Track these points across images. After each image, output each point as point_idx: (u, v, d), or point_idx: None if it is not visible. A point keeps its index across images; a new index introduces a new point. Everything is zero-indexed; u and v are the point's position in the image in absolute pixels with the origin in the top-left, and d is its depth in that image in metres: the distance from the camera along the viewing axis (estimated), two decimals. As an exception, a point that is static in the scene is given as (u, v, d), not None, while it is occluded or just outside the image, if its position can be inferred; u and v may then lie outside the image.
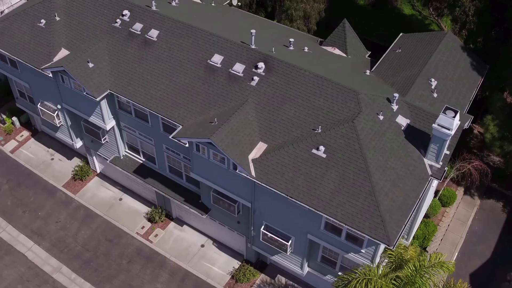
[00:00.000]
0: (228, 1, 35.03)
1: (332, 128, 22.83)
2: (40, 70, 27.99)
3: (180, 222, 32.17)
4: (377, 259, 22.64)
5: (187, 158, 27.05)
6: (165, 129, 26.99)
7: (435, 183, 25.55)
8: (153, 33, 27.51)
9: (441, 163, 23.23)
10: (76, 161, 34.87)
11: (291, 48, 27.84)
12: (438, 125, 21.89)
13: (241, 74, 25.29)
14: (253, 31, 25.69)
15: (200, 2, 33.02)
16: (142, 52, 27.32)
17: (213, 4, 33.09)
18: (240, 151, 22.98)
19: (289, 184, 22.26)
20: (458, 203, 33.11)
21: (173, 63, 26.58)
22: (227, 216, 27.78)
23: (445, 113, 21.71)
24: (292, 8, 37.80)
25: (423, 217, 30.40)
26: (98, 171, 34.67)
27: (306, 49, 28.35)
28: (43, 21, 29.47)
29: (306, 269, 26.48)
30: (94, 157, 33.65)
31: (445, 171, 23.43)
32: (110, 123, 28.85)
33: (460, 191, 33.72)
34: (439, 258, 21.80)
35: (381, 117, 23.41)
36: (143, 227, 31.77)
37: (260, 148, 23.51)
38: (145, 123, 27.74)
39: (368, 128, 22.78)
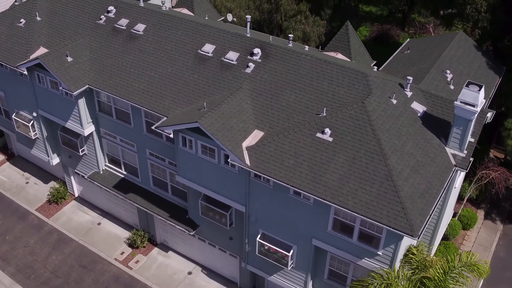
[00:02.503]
0: (222, 18, 33.30)
1: (339, 110, 19.86)
2: (15, 68, 25.44)
3: (165, 248, 28.18)
4: (397, 264, 18.78)
5: (173, 163, 23.78)
6: (149, 130, 23.96)
7: (458, 182, 22.14)
8: (140, 27, 25.27)
9: (465, 151, 20.03)
10: (53, 185, 31.39)
11: (290, 45, 25.48)
12: (461, 101, 18.96)
13: (234, 62, 22.70)
14: (248, 16, 23.47)
15: (192, 15, 31.20)
16: (126, 46, 24.91)
17: (206, 18, 31.27)
18: (232, 137, 19.84)
19: (290, 172, 18.90)
20: (479, 228, 29.42)
21: (160, 55, 24.07)
22: (218, 231, 24.03)
23: (468, 87, 18.88)
24: (291, 28, 36.11)
25: (442, 239, 26.63)
26: (76, 195, 31.12)
27: (306, 48, 26.00)
28: (22, 20, 27.38)
29: (311, 290, 22.41)
30: (72, 178, 30.26)
31: (470, 161, 20.16)
32: (88, 127, 25.83)
33: (480, 214, 30.13)
34: (471, 258, 18.05)
35: (394, 101, 20.53)
36: (122, 253, 27.75)
37: (255, 136, 20.37)
38: (127, 125, 24.73)
39: (380, 110, 19.82)
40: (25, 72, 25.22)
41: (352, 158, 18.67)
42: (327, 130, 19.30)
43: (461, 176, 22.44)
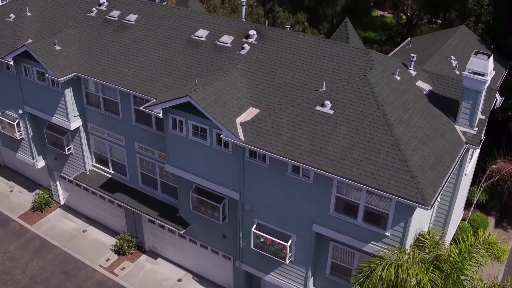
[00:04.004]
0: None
1: (340, 84, 18.61)
2: (1, 59, 24.36)
3: (154, 255, 26.14)
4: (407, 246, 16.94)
5: (162, 155, 22.24)
6: (138, 119, 22.62)
7: (469, 169, 20.51)
8: (131, 17, 24.42)
9: (476, 128, 18.62)
10: (37, 192, 29.66)
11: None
12: (469, 71, 17.75)
13: (229, 45, 21.66)
14: (243, 0, 22.68)
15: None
16: (117, 35, 23.97)
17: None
18: (225, 112, 18.47)
19: (288, 146, 17.41)
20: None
21: (151, 42, 23.07)
22: (210, 229, 22.23)
23: (476, 56, 17.71)
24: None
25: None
26: (62, 202, 29.32)
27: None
28: (12, 15, 26.58)
29: (312, 289, 20.37)
30: (58, 183, 28.57)
31: (481, 139, 18.73)
32: (75, 121, 24.46)
33: (490, 221, 28.31)
34: (489, 237, 16.28)
35: (397, 77, 19.33)
36: (108, 260, 25.69)
37: (250, 113, 19.01)
38: (115, 116, 23.38)
39: (383, 84, 18.58)
40: (11, 63, 24.13)
41: (355, 129, 17.25)
42: (327, 103, 17.98)
43: (472, 163, 20.90)
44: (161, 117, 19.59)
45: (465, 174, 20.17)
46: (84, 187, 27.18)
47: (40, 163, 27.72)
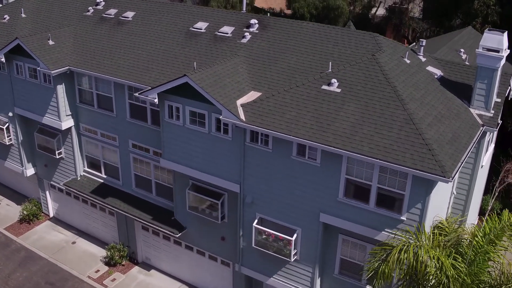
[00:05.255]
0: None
1: (347, 64, 17.57)
2: (-10, 57, 23.46)
3: (147, 266, 24.29)
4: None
5: (158, 153, 20.89)
6: (133, 115, 21.46)
7: (485, 160, 19.10)
8: (128, 14, 23.74)
9: (492, 111, 17.44)
10: (26, 203, 28.06)
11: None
12: (483, 48, 16.76)
13: (229, 35, 20.80)
14: (244, -9, 22.03)
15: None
16: (113, 30, 23.18)
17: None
18: (225, 93, 17.33)
19: (292, 124, 16.15)
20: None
21: (148, 35, 22.25)
22: (208, 232, 20.62)
23: (491, 32, 16.78)
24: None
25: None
26: (51, 215, 27.67)
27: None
28: (6, 17, 25.96)
29: (319, 292, 18.55)
30: (47, 193, 27.03)
31: (498, 123, 17.52)
32: (67, 121, 23.25)
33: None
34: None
35: (407, 61, 18.33)
36: (97, 271, 23.82)
37: (252, 96, 17.85)
38: (109, 113, 22.20)
39: (392, 65, 17.54)
40: (2, 59, 23.17)
41: (364, 106, 16.05)
42: (334, 81, 16.87)
43: (487, 156, 19.56)
44: (156, 102, 18.40)
45: (481, 166, 18.81)
46: (74, 195, 25.68)
47: (30, 170, 26.29)
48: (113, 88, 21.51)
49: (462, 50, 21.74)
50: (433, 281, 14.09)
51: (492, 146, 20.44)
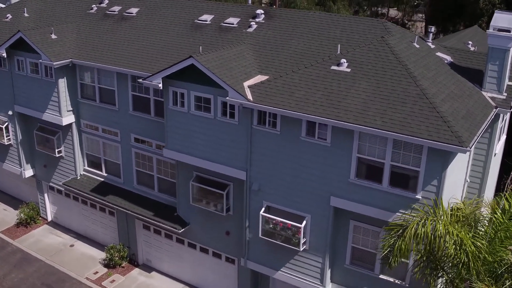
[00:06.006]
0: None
1: (356, 46, 17.27)
2: (-8, 53, 23.17)
3: (148, 268, 23.39)
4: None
5: (160, 146, 20.34)
6: (136, 107, 21.03)
7: (499, 148, 18.55)
8: (132, 10, 23.61)
9: (505, 93, 17.05)
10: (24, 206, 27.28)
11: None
12: (494, 28, 16.48)
13: (235, 25, 20.59)
14: (249, -16, 21.94)
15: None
16: (117, 25, 22.99)
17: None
18: (231, 75, 16.94)
19: (302, 102, 15.70)
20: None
21: (153, 28, 22.05)
22: (212, 226, 19.91)
23: (501, 12, 16.55)
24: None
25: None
26: (49, 219, 26.86)
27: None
28: (9, 16, 25.81)
29: (330, 285, 17.68)
30: (45, 196, 26.30)
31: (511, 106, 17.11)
32: (68, 117, 22.78)
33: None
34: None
35: (416, 45, 18.05)
36: (96, 272, 22.90)
37: (259, 79, 17.46)
38: (111, 107, 21.77)
39: (403, 47, 17.24)
40: (4, 54, 22.87)
41: (376, 83, 15.65)
42: (344, 61, 16.51)
43: (500, 144, 19.04)
44: (161, 87, 17.97)
45: (495, 154, 18.29)
46: (74, 196, 24.97)
47: (28, 172, 25.64)
48: (116, 80, 21.13)
49: (470, 42, 21.55)
50: (452, 259, 13.37)
51: (503, 137, 19.95)
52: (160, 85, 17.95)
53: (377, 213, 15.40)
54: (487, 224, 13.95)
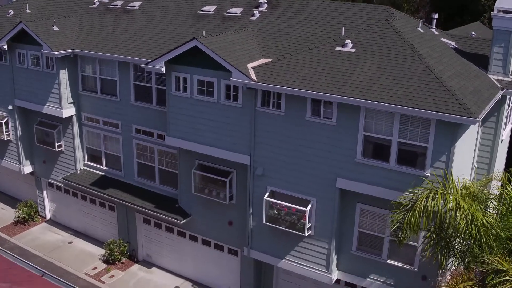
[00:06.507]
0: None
1: (361, 29, 17.17)
2: (-6, 46, 23.07)
3: (148, 264, 22.88)
4: (450, 190, 14.35)
5: (162, 136, 20.06)
6: (137, 97, 20.84)
7: (505, 134, 18.31)
8: (135, 4, 23.61)
9: (511, 76, 16.88)
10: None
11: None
12: (499, 10, 16.39)
13: (238, 14, 20.54)
14: (252, -25, 21.93)
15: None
16: (119, 18, 22.96)
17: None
18: (235, 57, 16.79)
19: (307, 80, 15.51)
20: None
21: (155, 20, 22.00)
22: (214, 217, 19.54)
23: (506, -7, 16.49)
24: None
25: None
26: (48, 217, 26.41)
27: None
28: (10, 11, 25.79)
29: (336, 272, 17.24)
30: (44, 193, 25.90)
31: (519, 89, 16.91)
32: (68, 109, 22.56)
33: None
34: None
35: (421, 30, 17.97)
36: (94, 268, 22.40)
37: (263, 62, 17.29)
38: (112, 98, 21.57)
39: (408, 31, 17.13)
40: (5, 47, 22.76)
41: (381, 61, 15.49)
42: (348, 42, 16.38)
43: (507, 131, 18.80)
44: (163, 71, 17.80)
45: (501, 140, 18.05)
46: (73, 192, 24.59)
47: (27, 168, 25.31)
48: (117, 70, 20.98)
49: (473, 33, 21.50)
50: (464, 235, 13.00)
51: (510, 126, 19.73)
52: (163, 69, 17.79)
53: (384, 193, 15.07)
54: (498, 201, 13.61)
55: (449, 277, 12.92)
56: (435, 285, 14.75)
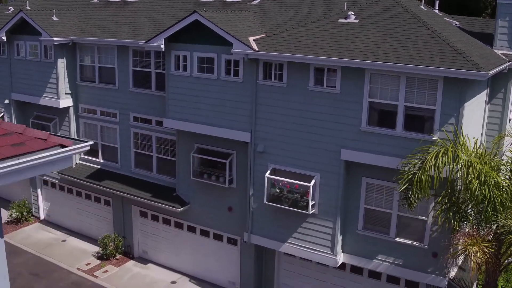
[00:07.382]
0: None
1: (363, 2, 16.98)
2: (-8, 37, 22.86)
3: (144, 260, 21.96)
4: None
5: (160, 123, 19.58)
6: (136, 84, 20.49)
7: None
8: (136, -3, 23.61)
9: (518, 50, 16.59)
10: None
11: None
12: (504, -18, 16.27)
13: (239, 0, 20.43)
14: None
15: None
16: (119, 10, 22.86)
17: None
18: (236, 30, 16.51)
19: (309, 48, 15.16)
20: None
21: (155, 8, 21.89)
22: (213, 204, 18.85)
23: (510, -34, 16.38)
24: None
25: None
26: (42, 217, 25.58)
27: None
28: (11, 8, 25.75)
29: (341, 255, 16.43)
30: (39, 192, 25.18)
31: (526, 63, 16.57)
32: (65, 99, 22.16)
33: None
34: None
35: (423, 8, 17.79)
36: (88, 264, 21.47)
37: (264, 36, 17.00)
38: (110, 86, 21.21)
39: (411, 5, 16.93)
40: (4, 38, 22.55)
41: (385, 29, 15.19)
42: (351, 13, 16.15)
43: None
44: (163, 49, 17.48)
45: (509, 120, 17.60)
46: (68, 188, 23.91)
47: (21, 165, 24.64)
48: (116, 57, 20.70)
49: (475, 22, 21.35)
50: (476, 196, 12.36)
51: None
52: (163, 46, 17.48)
53: (391, 162, 14.46)
54: (511, 162, 13.05)
55: (464, 238, 12.19)
56: (447, 258, 13.96)
